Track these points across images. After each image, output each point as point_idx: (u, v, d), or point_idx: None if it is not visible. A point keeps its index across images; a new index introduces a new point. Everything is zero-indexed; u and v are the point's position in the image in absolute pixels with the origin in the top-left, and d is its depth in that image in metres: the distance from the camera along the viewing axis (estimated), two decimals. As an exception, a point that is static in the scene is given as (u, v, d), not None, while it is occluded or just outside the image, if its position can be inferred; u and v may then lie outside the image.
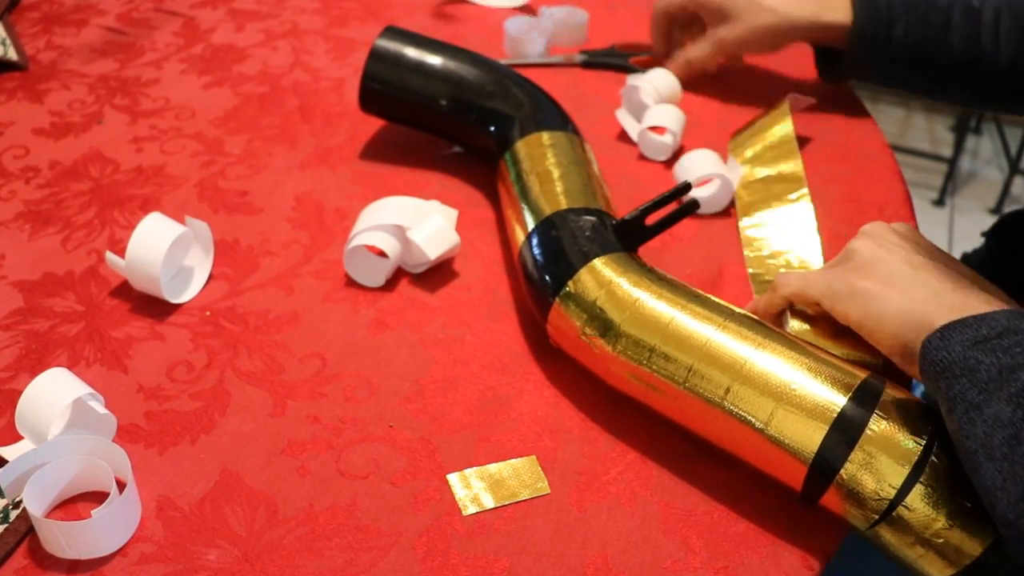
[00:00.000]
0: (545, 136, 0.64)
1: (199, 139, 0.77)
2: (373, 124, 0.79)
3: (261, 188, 0.71)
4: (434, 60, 0.71)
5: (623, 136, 0.78)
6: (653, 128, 0.75)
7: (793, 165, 0.69)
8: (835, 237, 0.66)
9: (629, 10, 0.96)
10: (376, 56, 0.71)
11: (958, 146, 2.18)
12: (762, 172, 0.70)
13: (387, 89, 0.72)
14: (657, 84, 0.78)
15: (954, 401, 0.41)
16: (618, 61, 0.87)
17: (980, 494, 0.41)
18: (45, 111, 0.80)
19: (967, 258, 0.91)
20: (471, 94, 0.70)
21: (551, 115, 0.67)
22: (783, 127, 0.71)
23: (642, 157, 0.76)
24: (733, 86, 0.84)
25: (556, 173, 0.61)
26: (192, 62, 0.87)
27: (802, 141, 0.76)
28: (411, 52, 0.71)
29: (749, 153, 0.72)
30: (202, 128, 0.78)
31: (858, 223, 0.66)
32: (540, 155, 0.63)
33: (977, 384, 0.41)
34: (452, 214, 0.65)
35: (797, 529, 0.47)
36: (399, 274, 0.63)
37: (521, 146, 0.64)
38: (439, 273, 0.64)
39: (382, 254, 0.62)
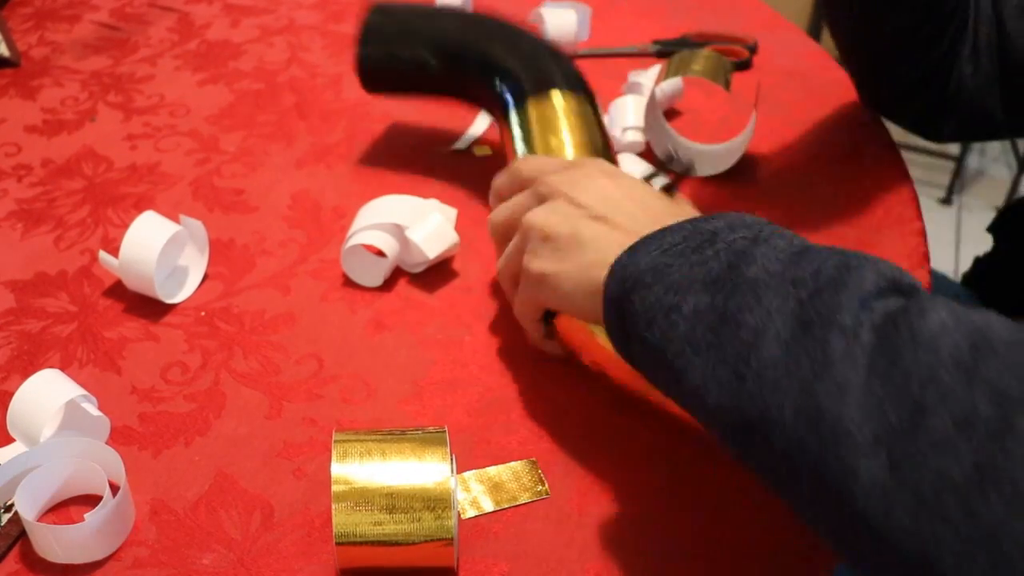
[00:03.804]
0: (555, 95, 0.64)
1: (194, 137, 0.76)
2: (371, 121, 0.78)
3: (257, 186, 0.71)
4: (419, 25, 0.69)
5: (623, 134, 0.77)
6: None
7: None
8: (840, 240, 0.65)
9: (631, 5, 0.96)
10: (365, 37, 0.69)
11: (965, 144, 2.17)
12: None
13: (382, 65, 0.70)
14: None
15: (652, 311, 0.41)
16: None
17: (685, 398, 0.40)
18: (37, 108, 0.80)
19: (979, 261, 0.89)
20: (463, 50, 0.68)
21: (560, 72, 0.67)
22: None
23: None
24: (735, 84, 0.83)
25: (570, 139, 0.62)
26: (187, 58, 0.87)
27: (806, 142, 0.75)
28: (395, 27, 0.70)
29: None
30: (197, 125, 0.77)
31: (863, 224, 0.66)
32: (553, 117, 0.63)
33: (671, 286, 0.40)
34: (451, 213, 0.64)
35: (802, 538, 0.47)
36: (397, 274, 0.63)
37: (532, 107, 0.64)
38: (438, 273, 0.63)
39: (380, 253, 0.62)
